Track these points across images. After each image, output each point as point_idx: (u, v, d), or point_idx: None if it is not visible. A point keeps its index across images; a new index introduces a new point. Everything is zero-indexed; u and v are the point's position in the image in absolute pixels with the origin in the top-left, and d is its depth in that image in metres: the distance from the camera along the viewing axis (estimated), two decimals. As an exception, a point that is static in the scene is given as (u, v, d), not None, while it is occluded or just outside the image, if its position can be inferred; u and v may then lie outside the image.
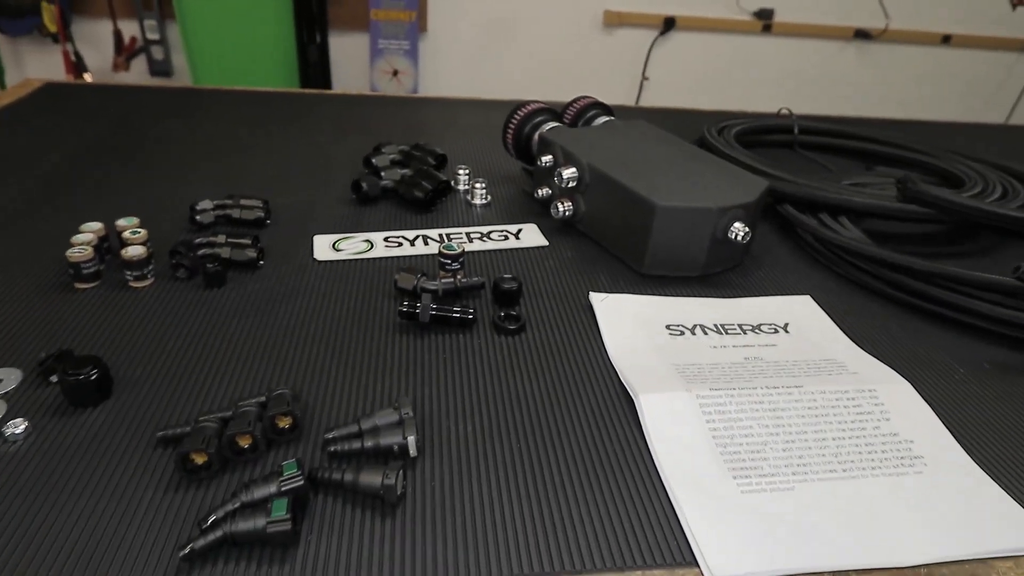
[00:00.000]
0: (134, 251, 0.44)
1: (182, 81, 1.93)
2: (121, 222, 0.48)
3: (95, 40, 1.90)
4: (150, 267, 0.45)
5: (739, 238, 0.48)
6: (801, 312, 0.48)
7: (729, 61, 2.17)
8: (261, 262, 0.49)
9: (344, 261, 0.50)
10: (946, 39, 2.17)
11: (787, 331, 0.45)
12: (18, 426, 0.33)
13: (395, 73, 1.95)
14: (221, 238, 0.49)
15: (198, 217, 0.52)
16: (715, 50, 2.14)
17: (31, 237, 0.50)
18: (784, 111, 0.85)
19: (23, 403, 0.35)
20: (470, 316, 0.43)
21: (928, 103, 2.35)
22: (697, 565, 0.29)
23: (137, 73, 1.93)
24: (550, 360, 0.41)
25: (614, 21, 2.04)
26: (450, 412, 0.36)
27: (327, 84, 1.92)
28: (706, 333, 0.44)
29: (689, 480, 0.33)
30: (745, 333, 0.45)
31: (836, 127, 0.81)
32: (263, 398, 0.35)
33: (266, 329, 0.42)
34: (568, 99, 0.69)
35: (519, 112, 0.63)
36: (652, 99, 2.17)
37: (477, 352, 0.41)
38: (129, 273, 0.45)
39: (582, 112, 0.66)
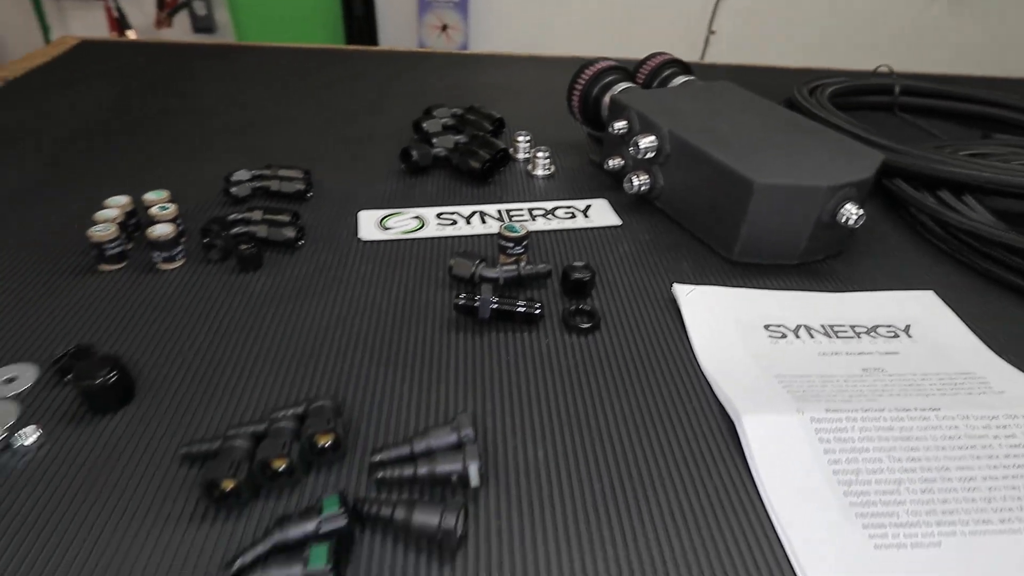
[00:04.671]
0: (161, 230, 0.40)
1: (225, 38, 1.89)
2: (149, 196, 0.43)
3: (139, -4, 1.87)
4: (179, 248, 0.41)
5: (851, 222, 0.41)
6: (924, 312, 0.40)
7: (810, 13, 2.00)
8: (301, 242, 0.44)
9: (392, 241, 0.45)
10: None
11: (909, 335, 0.38)
12: (28, 436, 0.29)
13: (444, 28, 1.87)
14: (257, 215, 0.44)
15: (233, 190, 0.47)
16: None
17: (54, 212, 0.46)
18: (883, 68, 0.75)
19: (38, 405, 0.31)
20: (537, 311, 0.37)
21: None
22: (826, 645, 0.23)
23: (180, 30, 1.89)
24: (630, 367, 0.35)
25: (677, -33, 1.91)
26: (516, 431, 0.31)
27: (373, 40, 1.85)
28: (812, 336, 0.38)
29: (807, 526, 0.27)
30: (859, 337, 0.38)
31: (944, 88, 0.71)
32: (300, 409, 0.30)
33: (304, 322, 0.37)
34: (629, 56, 0.62)
35: (586, 72, 0.56)
36: (719, 57, 2.03)
37: (545, 355, 0.35)
38: (157, 254, 0.40)
39: (657, 71, 0.58)
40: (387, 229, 0.46)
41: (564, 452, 0.30)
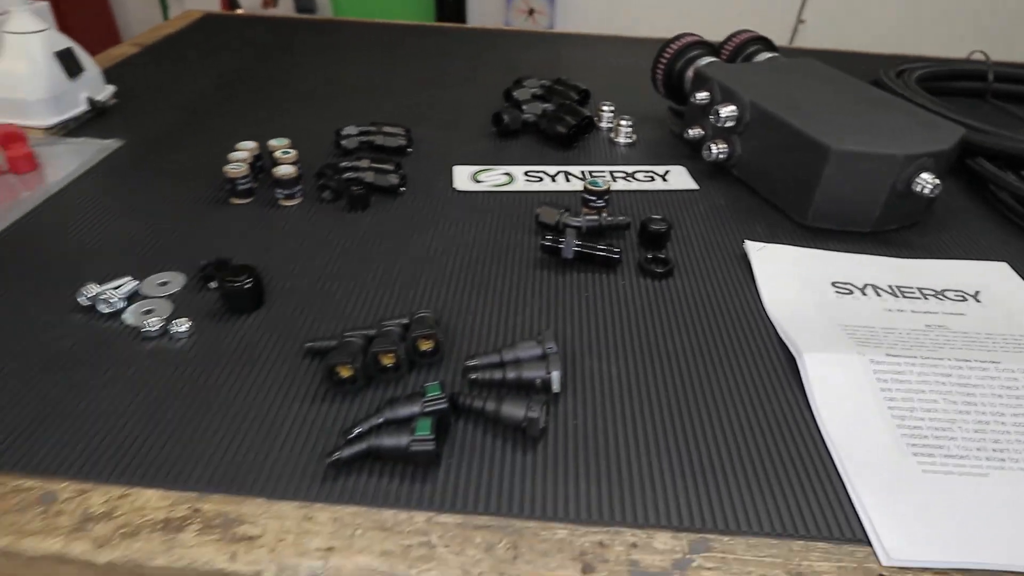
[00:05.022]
0: (285, 170, 0.45)
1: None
2: (273, 142, 0.49)
3: (246, -21, 1.99)
4: (299, 187, 0.46)
5: (926, 191, 0.42)
6: (995, 280, 0.41)
7: (902, 2, 1.91)
8: (403, 188, 0.48)
9: (483, 192, 0.49)
10: None
11: (978, 300, 0.39)
12: (182, 325, 0.35)
13: (531, 12, 1.91)
14: (365, 163, 0.49)
15: (343, 142, 0.53)
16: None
17: (193, 154, 0.53)
18: (977, 55, 0.74)
19: (185, 305, 0.37)
20: (616, 255, 0.40)
21: None
22: (868, 543, 0.26)
23: (283, 9, 2.01)
24: (700, 309, 0.38)
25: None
26: (592, 352, 0.34)
27: (462, 21, 1.91)
28: (879, 294, 0.39)
29: (860, 451, 0.29)
30: (926, 298, 0.39)
31: (1042, 75, 0.69)
32: (405, 320, 0.34)
33: (406, 254, 0.42)
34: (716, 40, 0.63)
35: (672, 46, 0.59)
36: (807, 45, 1.99)
37: (621, 294, 0.39)
38: (280, 191, 0.46)
39: (742, 47, 0.60)
40: (479, 182, 0.50)
41: (636, 372, 0.33)
